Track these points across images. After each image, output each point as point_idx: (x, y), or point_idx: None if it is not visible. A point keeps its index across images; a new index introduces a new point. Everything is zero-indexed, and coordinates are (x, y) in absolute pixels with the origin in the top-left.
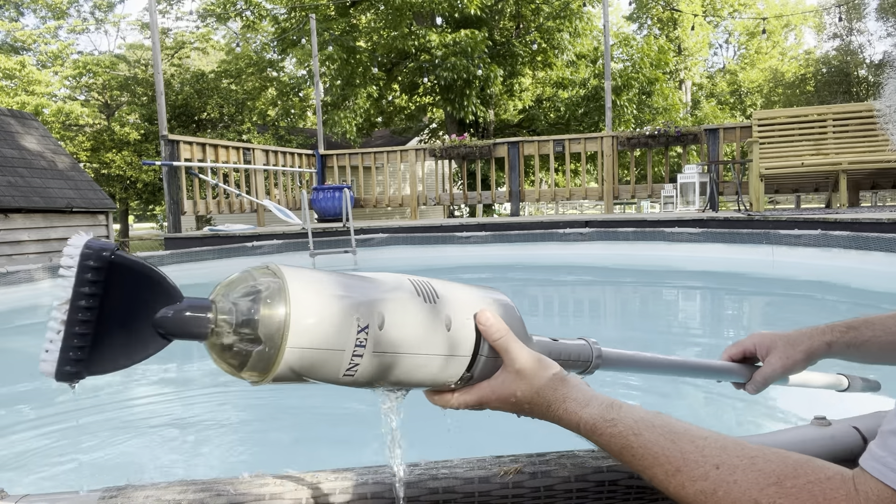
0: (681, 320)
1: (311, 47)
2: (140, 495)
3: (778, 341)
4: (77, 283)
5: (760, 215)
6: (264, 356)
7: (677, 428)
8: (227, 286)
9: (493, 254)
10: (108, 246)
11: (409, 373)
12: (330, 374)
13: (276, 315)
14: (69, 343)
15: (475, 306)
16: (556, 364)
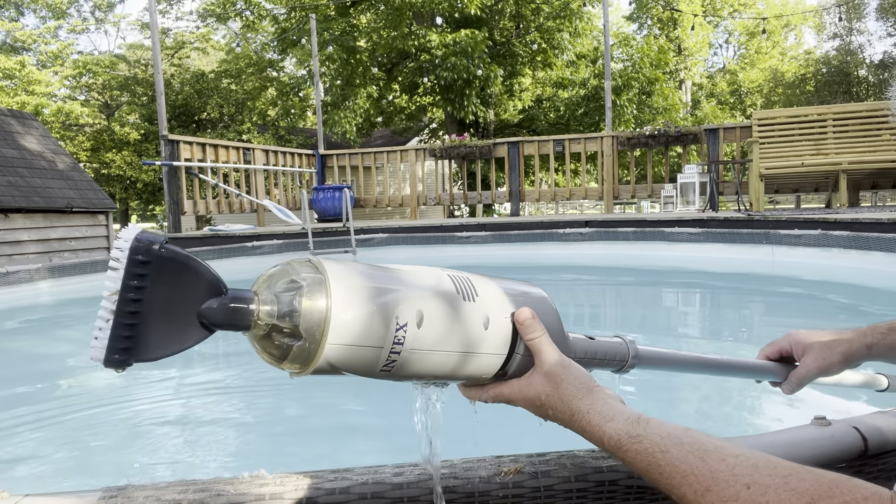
0: (681, 320)
1: (311, 47)
2: (140, 495)
3: (815, 343)
4: (126, 276)
5: (760, 215)
6: (304, 350)
7: (707, 445)
8: (270, 278)
9: (493, 254)
10: (158, 239)
11: (445, 369)
12: (367, 369)
13: (317, 310)
14: (117, 332)
15: (513, 304)
16: (586, 373)
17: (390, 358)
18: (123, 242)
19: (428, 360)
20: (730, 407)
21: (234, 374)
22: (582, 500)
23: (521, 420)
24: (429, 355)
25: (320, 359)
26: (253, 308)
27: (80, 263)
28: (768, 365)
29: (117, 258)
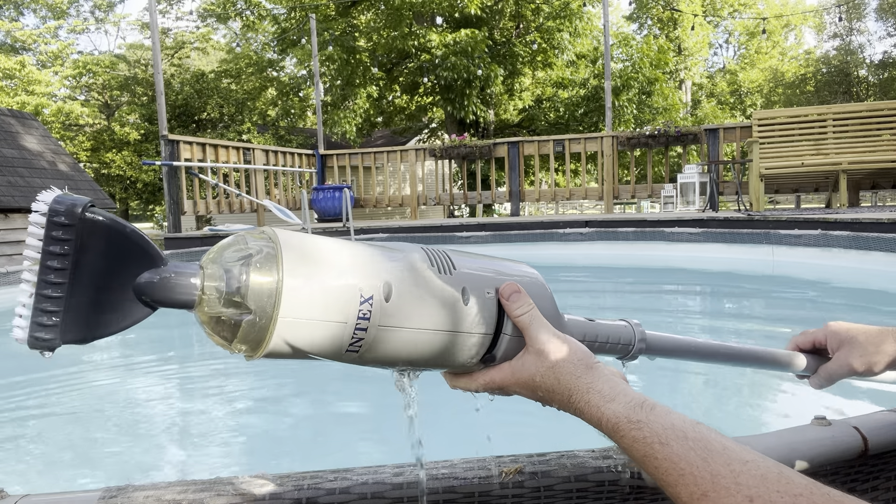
0: (681, 320)
1: (311, 47)
2: (140, 495)
3: (857, 336)
4: (46, 241)
5: (760, 215)
6: (255, 326)
7: (714, 444)
8: (218, 250)
9: (493, 254)
10: (80, 201)
11: (422, 351)
12: (331, 349)
13: (267, 280)
14: (41, 307)
15: (498, 280)
16: (585, 348)
17: (356, 336)
18: (42, 205)
19: (401, 340)
20: (730, 406)
21: (234, 374)
22: (582, 500)
23: (521, 420)
24: (401, 333)
25: (273, 336)
26: (196, 282)
27: None
28: (793, 356)
29: (36, 222)
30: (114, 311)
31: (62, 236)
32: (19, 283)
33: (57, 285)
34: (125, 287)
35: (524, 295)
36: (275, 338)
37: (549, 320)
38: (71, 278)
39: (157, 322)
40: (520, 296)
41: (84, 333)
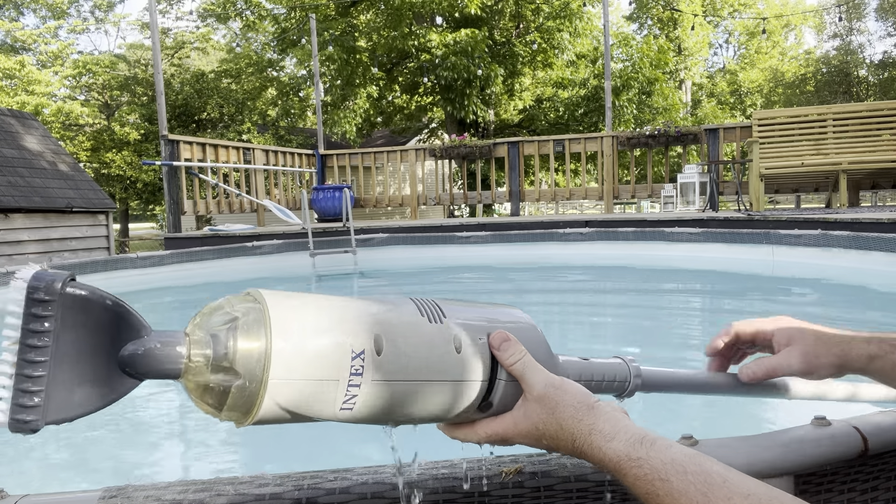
0: (681, 321)
1: (311, 47)
2: (140, 495)
3: (808, 335)
4: (25, 320)
5: (760, 215)
6: (245, 392)
7: (714, 478)
8: (203, 316)
9: (493, 254)
10: (59, 276)
11: (417, 404)
12: (324, 409)
13: (256, 343)
14: (22, 388)
15: (489, 327)
16: (583, 389)
17: (349, 393)
18: (20, 282)
19: (395, 393)
20: (730, 405)
21: None
22: (582, 500)
23: None
24: (395, 386)
25: (265, 399)
26: (182, 350)
27: (80, 263)
28: (788, 381)
29: (15, 299)
30: (99, 385)
31: (43, 313)
32: None
33: (38, 364)
34: (110, 360)
35: (514, 342)
36: (266, 401)
37: (543, 364)
38: (53, 355)
39: (158, 321)
40: (510, 344)
41: (68, 412)
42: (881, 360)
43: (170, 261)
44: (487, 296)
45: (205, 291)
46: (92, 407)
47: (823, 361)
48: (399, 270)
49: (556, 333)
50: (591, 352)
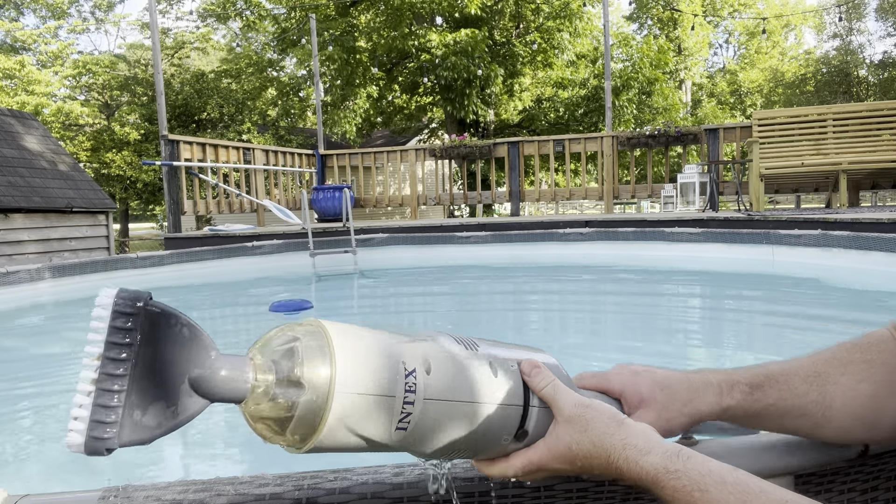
0: (681, 321)
1: (311, 47)
2: (140, 495)
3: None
4: (109, 333)
5: (760, 215)
6: (312, 407)
7: (752, 487)
8: (265, 339)
9: (493, 254)
10: (142, 292)
11: (465, 427)
12: (382, 427)
13: (321, 358)
14: (103, 403)
15: (518, 356)
16: (612, 408)
17: (405, 410)
18: (105, 299)
19: (445, 414)
20: None
21: None
22: (582, 500)
23: None
24: (446, 406)
25: (329, 414)
26: (249, 372)
27: (81, 263)
28: None
29: (99, 316)
30: (171, 405)
31: (126, 325)
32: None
33: (119, 377)
34: (182, 380)
35: (544, 369)
36: (330, 417)
37: None
38: (132, 371)
39: None
40: (540, 370)
41: (142, 434)
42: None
43: (170, 261)
44: (487, 295)
45: (205, 291)
46: (164, 428)
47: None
48: (399, 270)
49: (557, 333)
50: (591, 351)
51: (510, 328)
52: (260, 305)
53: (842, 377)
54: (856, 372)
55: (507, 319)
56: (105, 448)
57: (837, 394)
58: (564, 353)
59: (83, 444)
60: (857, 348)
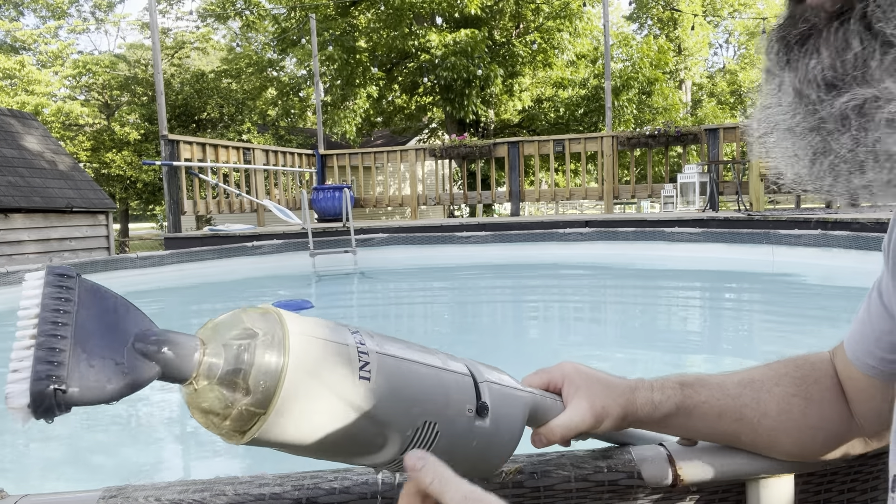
0: (681, 321)
1: (311, 47)
2: (140, 495)
3: (594, 384)
4: (47, 292)
5: (760, 215)
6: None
7: None
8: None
9: (493, 254)
10: (71, 268)
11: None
12: (345, 375)
13: (273, 321)
14: (47, 346)
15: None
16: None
17: (362, 359)
18: (33, 278)
19: (402, 370)
20: None
21: None
22: (582, 500)
23: None
24: (399, 363)
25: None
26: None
27: (81, 263)
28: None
29: (31, 286)
30: (121, 362)
31: (62, 283)
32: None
33: (62, 325)
34: (125, 344)
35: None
36: (291, 360)
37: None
38: (75, 324)
39: (157, 319)
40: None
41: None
42: (664, 405)
43: (170, 261)
44: (487, 296)
45: (205, 291)
46: (116, 385)
47: (611, 412)
48: (399, 270)
49: (557, 334)
50: (591, 352)
51: (510, 328)
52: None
53: (776, 387)
54: (789, 384)
55: (506, 319)
56: (54, 391)
57: (772, 402)
58: (564, 353)
59: (27, 391)
60: (794, 364)
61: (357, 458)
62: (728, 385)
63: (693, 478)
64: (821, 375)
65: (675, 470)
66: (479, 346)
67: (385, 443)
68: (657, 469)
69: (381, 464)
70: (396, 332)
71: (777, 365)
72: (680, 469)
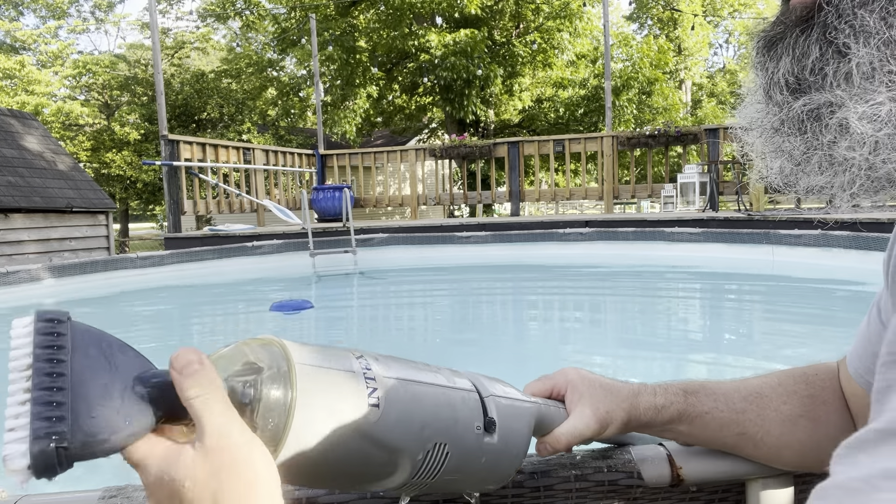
0: (681, 321)
1: (311, 47)
2: (140, 495)
3: (597, 389)
4: (37, 343)
5: (760, 215)
6: (276, 379)
7: None
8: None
9: (493, 254)
10: (62, 311)
11: (432, 407)
12: (355, 403)
13: (277, 354)
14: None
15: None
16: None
17: (369, 385)
18: (21, 324)
19: (408, 392)
20: None
21: None
22: (582, 500)
23: None
24: (406, 385)
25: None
26: None
27: (81, 263)
28: None
29: (19, 340)
30: (122, 410)
31: (54, 329)
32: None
33: (59, 375)
34: (126, 384)
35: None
36: (299, 396)
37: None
38: (71, 371)
39: (157, 319)
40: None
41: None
42: (667, 410)
43: (170, 261)
44: (487, 296)
45: (205, 291)
46: (120, 434)
47: (615, 418)
48: (399, 270)
49: (556, 334)
50: (591, 351)
51: (510, 328)
52: (260, 305)
53: (783, 405)
54: (797, 404)
55: (506, 319)
56: (55, 449)
57: (777, 422)
58: (563, 353)
59: (27, 451)
60: (804, 380)
61: (368, 486)
62: (734, 398)
63: (693, 478)
64: (829, 396)
65: (675, 470)
66: (479, 346)
67: (396, 469)
68: (657, 469)
69: (392, 489)
70: (396, 332)
71: (788, 380)
72: (680, 469)
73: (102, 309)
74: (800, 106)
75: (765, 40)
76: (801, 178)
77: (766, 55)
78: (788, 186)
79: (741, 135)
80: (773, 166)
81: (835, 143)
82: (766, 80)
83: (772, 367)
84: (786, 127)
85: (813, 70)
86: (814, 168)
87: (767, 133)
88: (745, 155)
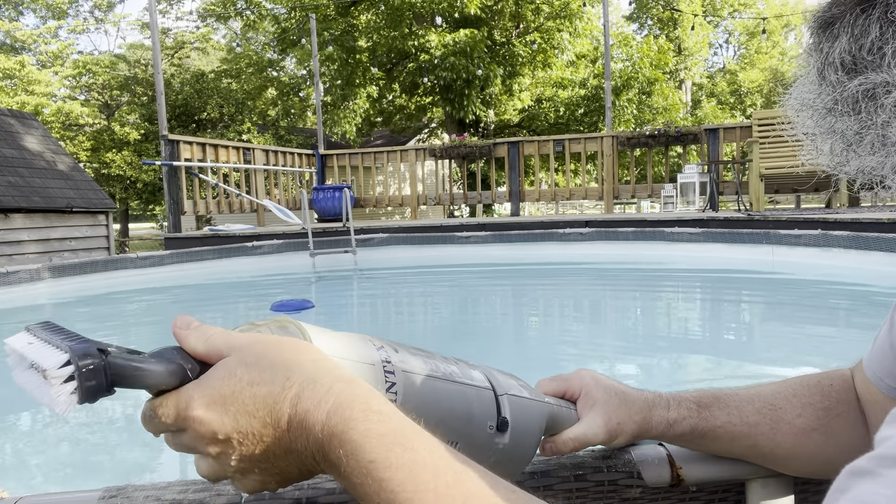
0: (681, 321)
1: (311, 47)
2: (140, 495)
3: (612, 398)
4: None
5: (760, 215)
6: None
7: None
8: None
9: (493, 254)
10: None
11: (447, 403)
12: None
13: (290, 327)
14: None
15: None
16: None
17: (388, 379)
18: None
19: (426, 387)
20: None
21: None
22: (582, 500)
23: None
24: (423, 380)
25: None
26: None
27: (80, 263)
28: None
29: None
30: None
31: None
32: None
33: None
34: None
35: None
36: None
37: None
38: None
39: (157, 319)
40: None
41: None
42: (679, 426)
43: (170, 261)
44: (487, 296)
45: (205, 291)
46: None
47: (625, 429)
48: (399, 270)
49: (556, 334)
50: (591, 352)
51: (509, 328)
52: (260, 305)
53: (797, 419)
54: (812, 417)
55: (506, 319)
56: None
57: (790, 435)
58: (563, 353)
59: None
60: (820, 392)
61: None
62: (747, 410)
63: (693, 478)
64: (844, 409)
65: (675, 470)
66: (479, 345)
67: None
68: (657, 469)
69: None
70: (396, 332)
71: (803, 390)
72: (680, 469)
73: (102, 309)
74: (855, 85)
75: (820, 21)
76: (853, 158)
77: (822, 35)
78: (839, 167)
79: (792, 116)
80: (823, 147)
81: (888, 124)
82: (820, 60)
83: (771, 366)
84: (840, 107)
85: (871, 49)
86: (866, 148)
87: (820, 113)
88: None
